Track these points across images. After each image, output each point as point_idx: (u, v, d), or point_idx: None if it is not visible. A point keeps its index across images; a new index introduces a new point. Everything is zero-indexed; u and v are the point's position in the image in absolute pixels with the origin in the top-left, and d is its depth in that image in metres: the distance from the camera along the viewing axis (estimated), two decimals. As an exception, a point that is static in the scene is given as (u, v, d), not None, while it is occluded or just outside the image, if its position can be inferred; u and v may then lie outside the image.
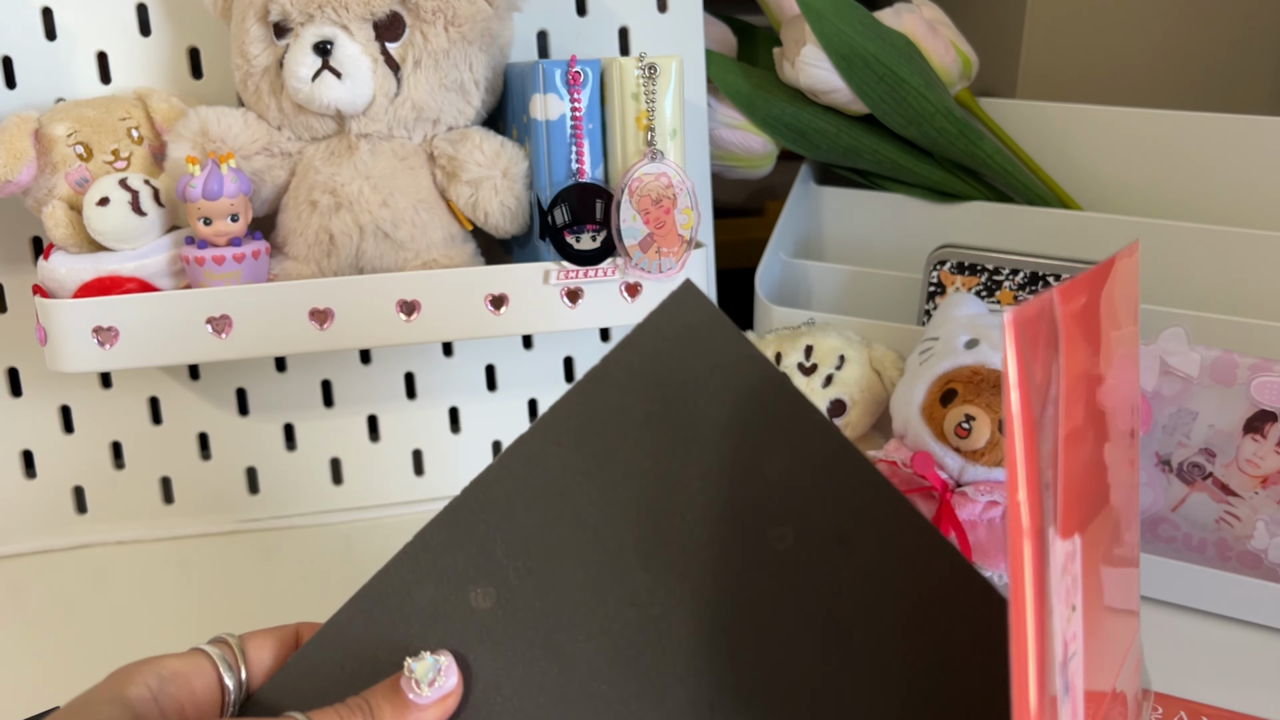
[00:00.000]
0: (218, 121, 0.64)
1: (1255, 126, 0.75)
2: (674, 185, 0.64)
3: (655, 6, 0.75)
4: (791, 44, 0.78)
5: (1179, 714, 0.55)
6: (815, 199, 0.85)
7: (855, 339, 0.72)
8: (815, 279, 0.81)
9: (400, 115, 0.65)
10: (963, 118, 0.77)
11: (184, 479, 0.75)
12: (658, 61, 0.62)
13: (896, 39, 0.76)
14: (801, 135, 0.80)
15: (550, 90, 0.63)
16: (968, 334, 0.65)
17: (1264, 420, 0.62)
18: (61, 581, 0.70)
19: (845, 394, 0.70)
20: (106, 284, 0.61)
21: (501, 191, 0.66)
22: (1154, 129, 0.78)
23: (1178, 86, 0.95)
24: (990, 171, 0.79)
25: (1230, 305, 0.69)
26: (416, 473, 0.78)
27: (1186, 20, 0.94)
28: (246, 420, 0.75)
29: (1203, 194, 0.77)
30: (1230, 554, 0.64)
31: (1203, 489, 0.64)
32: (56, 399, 0.73)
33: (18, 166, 0.62)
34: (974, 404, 0.62)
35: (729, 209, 0.95)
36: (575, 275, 0.65)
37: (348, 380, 0.76)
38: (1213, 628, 0.62)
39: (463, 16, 0.64)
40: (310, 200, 0.65)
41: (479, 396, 0.78)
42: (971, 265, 0.72)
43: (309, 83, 0.62)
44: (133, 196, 0.61)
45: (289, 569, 0.71)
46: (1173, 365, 0.64)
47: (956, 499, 0.62)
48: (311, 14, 0.62)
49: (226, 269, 0.61)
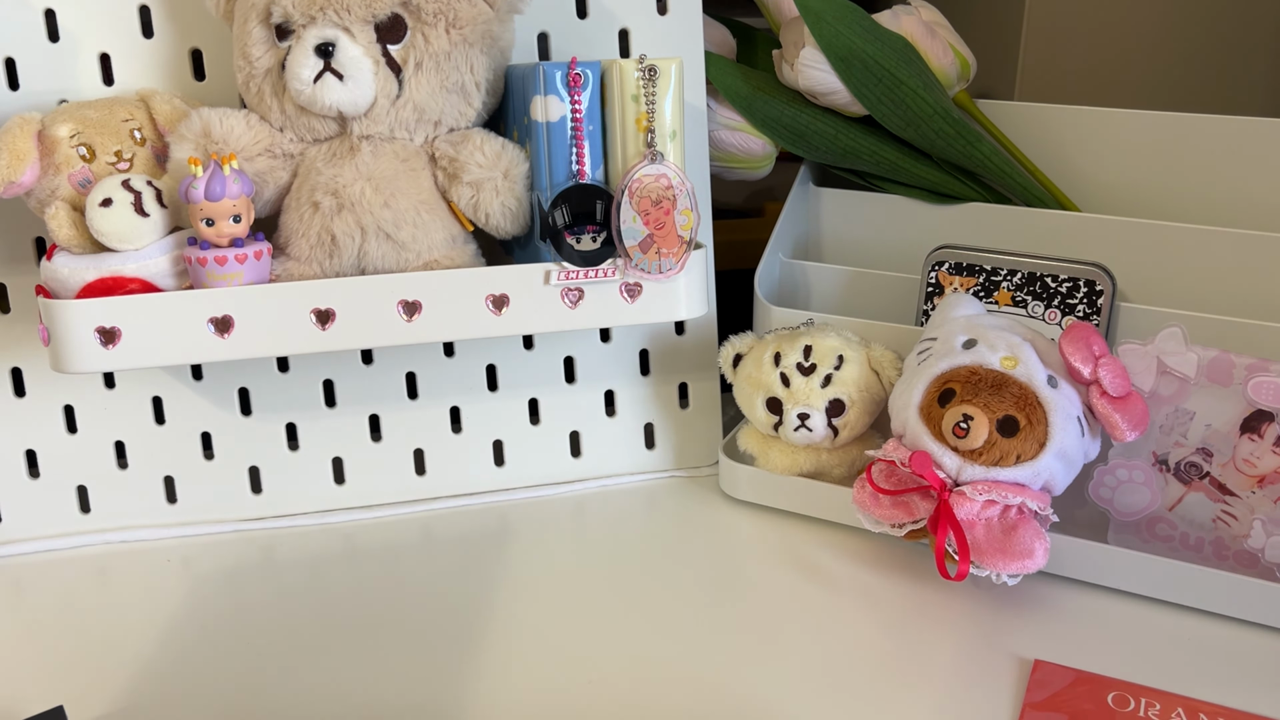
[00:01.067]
0: (220, 123, 0.64)
1: (1253, 128, 0.75)
2: (674, 186, 0.64)
3: (655, 9, 0.75)
4: (790, 46, 0.78)
5: (1176, 710, 0.55)
6: (814, 200, 0.85)
7: (854, 339, 0.72)
8: (814, 279, 0.81)
9: (402, 117, 0.65)
10: (961, 119, 0.78)
11: (187, 478, 0.76)
12: (658, 63, 0.63)
13: (895, 41, 0.76)
14: (800, 137, 0.80)
15: (551, 92, 0.63)
16: (966, 334, 0.65)
17: (1261, 420, 0.62)
18: (65, 581, 0.70)
19: (844, 394, 0.70)
20: (109, 284, 0.61)
21: (502, 193, 0.66)
22: (1151, 131, 0.78)
23: (1175, 88, 0.95)
24: (988, 173, 0.79)
25: (1227, 306, 0.69)
26: (418, 472, 0.79)
27: (1184, 22, 0.94)
28: (249, 420, 0.76)
29: (1200, 195, 0.77)
30: (1227, 553, 0.64)
31: (1200, 488, 0.64)
32: (60, 399, 0.73)
33: (21, 167, 0.62)
34: (972, 404, 0.62)
35: (728, 210, 0.95)
36: (576, 276, 0.65)
37: (349, 380, 0.77)
38: (1210, 626, 0.63)
39: (464, 19, 0.64)
40: (312, 201, 0.65)
41: (480, 396, 0.79)
42: (969, 266, 0.73)
43: (311, 84, 0.63)
44: (135, 197, 0.61)
45: (291, 568, 0.71)
46: (1170, 365, 0.64)
47: (954, 498, 0.62)
48: (313, 16, 0.62)
49: (229, 270, 0.62)
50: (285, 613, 0.66)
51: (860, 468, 0.72)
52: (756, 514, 0.76)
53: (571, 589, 0.68)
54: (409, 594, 0.67)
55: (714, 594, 0.67)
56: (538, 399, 0.80)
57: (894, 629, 0.63)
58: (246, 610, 0.66)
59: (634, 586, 0.68)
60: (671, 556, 0.71)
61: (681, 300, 0.68)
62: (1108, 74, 0.95)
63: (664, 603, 0.66)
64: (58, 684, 0.60)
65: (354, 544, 0.74)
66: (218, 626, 0.65)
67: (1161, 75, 0.95)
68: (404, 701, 0.58)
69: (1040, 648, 0.61)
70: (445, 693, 0.58)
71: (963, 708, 0.56)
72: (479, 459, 0.79)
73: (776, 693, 0.58)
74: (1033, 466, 0.61)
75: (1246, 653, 0.60)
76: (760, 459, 0.75)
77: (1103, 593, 0.65)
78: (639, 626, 0.64)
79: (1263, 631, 0.62)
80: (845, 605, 0.65)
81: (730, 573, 0.69)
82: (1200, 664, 0.60)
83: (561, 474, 0.81)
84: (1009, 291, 0.72)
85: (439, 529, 0.76)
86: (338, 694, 0.58)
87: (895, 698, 0.57)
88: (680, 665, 0.60)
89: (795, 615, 0.64)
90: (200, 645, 0.63)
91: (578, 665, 0.60)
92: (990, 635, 0.62)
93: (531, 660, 0.61)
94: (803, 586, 0.67)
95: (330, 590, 0.68)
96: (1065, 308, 0.70)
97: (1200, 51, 0.95)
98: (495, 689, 0.58)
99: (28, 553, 0.73)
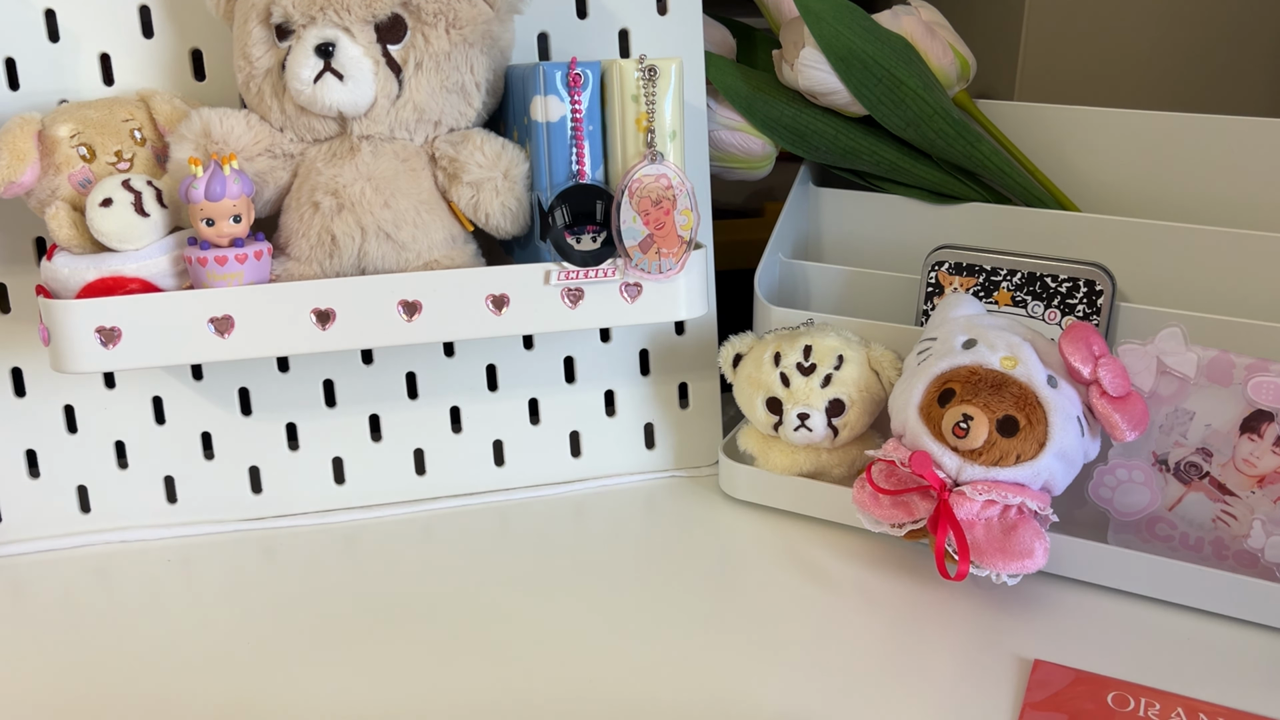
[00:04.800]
0: (220, 123, 0.64)
1: (1252, 128, 0.75)
2: (674, 186, 0.64)
3: (655, 9, 0.75)
4: (790, 46, 0.78)
5: (1176, 710, 0.55)
6: (814, 200, 0.85)
7: (854, 339, 0.72)
8: (814, 279, 0.81)
9: (402, 117, 0.65)
10: (961, 119, 0.78)
11: (187, 478, 0.76)
12: (657, 63, 0.63)
13: (895, 41, 0.76)
14: (800, 137, 0.80)
15: (551, 92, 0.63)
16: (965, 334, 0.65)
17: (1260, 420, 0.62)
18: (65, 581, 0.70)
19: (844, 394, 0.70)
20: (109, 284, 0.62)
21: (502, 193, 0.66)
22: (1151, 131, 0.78)
23: (1175, 88, 0.95)
24: (988, 173, 0.79)
25: (1227, 306, 0.69)
26: (418, 472, 0.79)
27: (1184, 22, 0.94)
28: (249, 420, 0.76)
29: (1200, 195, 0.77)
30: (1227, 553, 0.64)
31: (1199, 488, 0.64)
32: (60, 399, 0.73)
33: (21, 167, 0.62)
34: (971, 404, 0.62)
35: (728, 210, 0.95)
36: (575, 276, 0.65)
37: (350, 380, 0.77)
38: (1210, 626, 0.63)
39: (464, 19, 0.64)
40: (312, 201, 0.65)
41: (480, 396, 0.79)
42: (969, 266, 0.73)
43: (311, 84, 0.63)
44: (136, 197, 0.61)
45: (291, 568, 0.71)
46: (1170, 365, 0.64)
47: (954, 498, 0.62)
48: (313, 16, 0.62)
49: (229, 270, 0.62)
50: (285, 613, 0.66)
51: (860, 468, 0.72)
52: (756, 514, 0.76)
53: (571, 589, 0.68)
54: (409, 594, 0.67)
55: (714, 594, 0.67)
56: (538, 399, 0.80)
57: (894, 629, 0.63)
58: (246, 610, 0.66)
59: (634, 586, 0.68)
60: (671, 556, 0.71)
61: (681, 300, 0.68)
62: (1108, 74, 0.95)
63: (664, 603, 0.66)
64: (58, 684, 0.60)
65: (354, 544, 0.74)
66: (218, 626, 0.65)
67: (1161, 75, 0.95)
68: (404, 701, 0.58)
69: (1040, 648, 0.61)
70: (445, 692, 0.58)
71: (963, 708, 0.56)
72: (479, 459, 0.79)
73: (776, 693, 0.58)
74: (1033, 466, 0.61)
75: (1246, 653, 0.60)
76: (760, 459, 0.75)
77: (1103, 593, 0.65)
78: (639, 627, 0.64)
79: (1263, 631, 0.62)
80: (845, 605, 0.65)
81: (730, 573, 0.69)
82: (1200, 664, 0.60)
83: (561, 474, 0.81)
84: (1009, 291, 0.72)
85: (439, 529, 0.76)
86: (338, 694, 0.58)
87: (895, 698, 0.57)
88: (680, 665, 0.60)
89: (795, 615, 0.64)
90: (200, 645, 0.63)
91: (578, 665, 0.60)
92: (990, 635, 0.62)
93: (531, 660, 0.61)
94: (803, 586, 0.67)
95: (330, 590, 0.68)
96: (1065, 308, 0.70)
97: (1200, 51, 0.95)
98: (495, 689, 0.58)
99: (28, 553, 0.73)
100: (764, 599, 0.66)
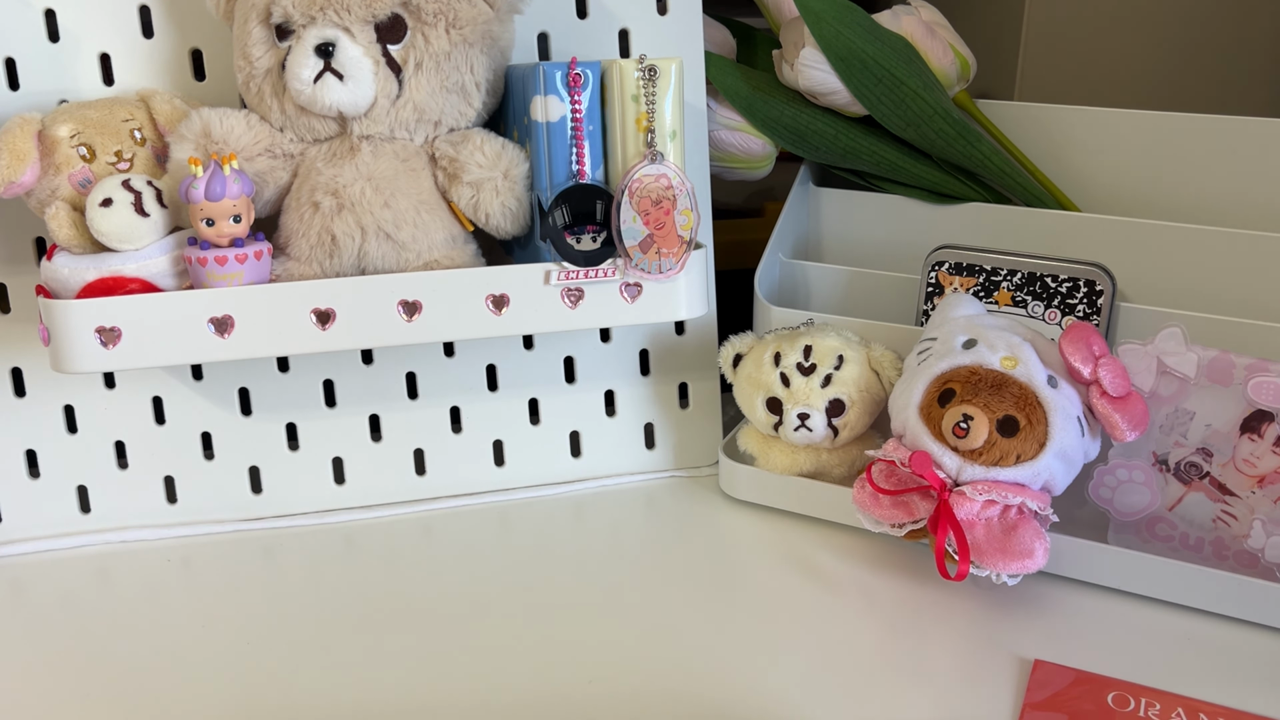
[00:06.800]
0: (220, 123, 0.64)
1: (1252, 128, 0.75)
2: (674, 186, 0.64)
3: (655, 9, 0.75)
4: (790, 46, 0.78)
5: (1176, 710, 0.55)
6: (814, 200, 0.85)
7: (854, 339, 0.72)
8: (814, 280, 0.81)
9: (402, 117, 0.65)
10: (961, 119, 0.78)
11: (187, 478, 0.76)
12: (657, 63, 0.63)
13: (895, 41, 0.76)
14: (800, 137, 0.80)
15: (551, 92, 0.63)
16: (965, 334, 0.65)
17: (1261, 420, 0.62)
18: (65, 581, 0.70)
19: (844, 394, 0.70)
20: (109, 284, 0.62)
21: (502, 193, 0.66)
22: (1151, 131, 0.78)
23: (1175, 88, 0.95)
24: (988, 173, 0.79)
25: (1227, 306, 0.69)
26: (418, 472, 0.79)
27: (1184, 23, 0.94)
28: (249, 420, 0.76)
29: (1200, 195, 0.77)
30: (1227, 553, 0.64)
31: (1200, 488, 0.64)
32: (60, 399, 0.73)
33: (21, 167, 0.62)
34: (971, 404, 0.62)
35: (728, 210, 0.95)
36: (576, 276, 0.65)
37: (350, 380, 0.77)
38: (1210, 626, 0.62)
39: (464, 19, 0.64)
40: (312, 201, 0.65)
41: (480, 396, 0.79)
42: (969, 266, 0.73)
43: (311, 84, 0.63)
44: (136, 197, 0.61)
45: (291, 568, 0.71)
46: (1170, 365, 0.64)
47: (954, 498, 0.62)
48: (313, 16, 0.62)
49: (229, 270, 0.62)
50: (285, 613, 0.66)
51: (860, 468, 0.72)
52: (756, 514, 0.76)
53: (571, 589, 0.68)
54: (409, 594, 0.67)
55: (714, 594, 0.67)
56: (538, 399, 0.80)
57: (894, 629, 0.63)
58: (246, 610, 0.66)
59: (634, 586, 0.68)
60: (671, 556, 0.71)
61: (681, 300, 0.68)
62: (1108, 74, 0.95)
63: (664, 603, 0.66)
64: (58, 684, 0.60)
65: (354, 544, 0.74)
66: (218, 626, 0.65)
67: (1161, 75, 0.95)
68: (404, 701, 0.58)
69: (1040, 648, 0.61)
70: (445, 692, 0.58)
71: (963, 708, 0.56)
72: (479, 459, 0.79)
73: (776, 693, 0.58)
74: (1033, 466, 0.61)
75: (1246, 653, 0.60)
76: (760, 459, 0.75)
77: (1103, 593, 0.65)
78: (639, 627, 0.64)
79: (1263, 631, 0.62)
80: (845, 605, 0.65)
81: (730, 573, 0.69)
82: (1200, 664, 0.60)
83: (561, 474, 0.81)
84: (1009, 291, 0.72)
85: (439, 529, 0.76)
86: (338, 694, 0.58)
87: (895, 698, 0.57)
88: (680, 665, 0.60)
89: (795, 615, 0.64)
90: (200, 645, 0.63)
91: (578, 665, 0.60)
92: (990, 635, 0.62)
93: (531, 660, 0.61)
94: (803, 586, 0.67)
95: (330, 590, 0.68)
96: (1065, 308, 0.70)
97: (1200, 51, 0.95)
98: (495, 689, 0.58)
99: (28, 553, 0.73)
100: (764, 599, 0.66)
